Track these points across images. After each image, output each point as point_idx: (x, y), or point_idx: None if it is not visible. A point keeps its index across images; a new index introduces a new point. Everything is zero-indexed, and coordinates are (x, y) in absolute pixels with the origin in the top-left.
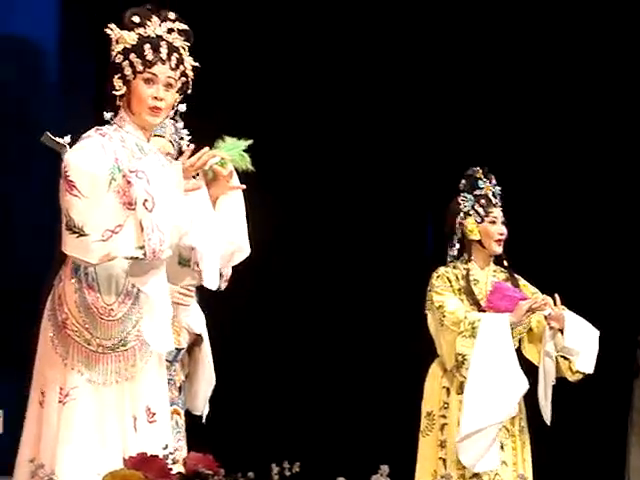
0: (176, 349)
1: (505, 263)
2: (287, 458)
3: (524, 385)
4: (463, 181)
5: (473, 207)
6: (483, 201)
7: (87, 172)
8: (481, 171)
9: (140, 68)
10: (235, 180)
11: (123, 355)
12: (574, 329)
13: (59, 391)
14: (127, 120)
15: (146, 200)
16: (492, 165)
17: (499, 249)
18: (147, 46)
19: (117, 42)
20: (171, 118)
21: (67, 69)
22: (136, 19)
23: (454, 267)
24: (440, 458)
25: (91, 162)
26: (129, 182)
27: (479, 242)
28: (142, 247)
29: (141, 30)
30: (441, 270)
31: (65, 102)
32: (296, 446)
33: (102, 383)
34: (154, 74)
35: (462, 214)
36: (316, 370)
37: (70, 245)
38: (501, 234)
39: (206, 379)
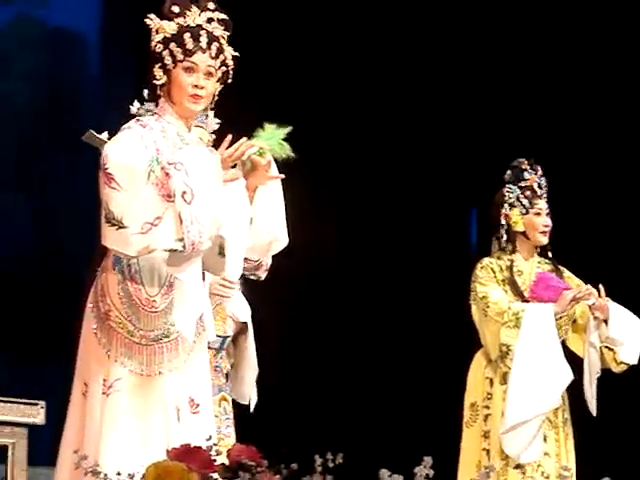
0: (222, 337)
1: (549, 254)
2: (330, 449)
3: (569, 376)
4: (509, 172)
5: (518, 199)
6: (528, 193)
7: (125, 164)
8: (527, 162)
9: (180, 57)
10: (274, 170)
11: (166, 346)
12: (618, 319)
13: (102, 382)
14: (168, 110)
15: (185, 192)
16: (537, 157)
17: (544, 240)
18: (187, 35)
19: (157, 32)
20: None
21: (108, 61)
22: (176, 9)
23: (498, 258)
24: (484, 449)
25: (129, 154)
26: (168, 174)
27: (523, 233)
28: (181, 239)
29: (181, 20)
30: (485, 261)
31: (106, 94)
32: (339, 437)
33: (145, 374)
34: (194, 63)
35: (507, 206)
36: (359, 361)
37: (110, 238)
38: (546, 226)
39: (251, 367)
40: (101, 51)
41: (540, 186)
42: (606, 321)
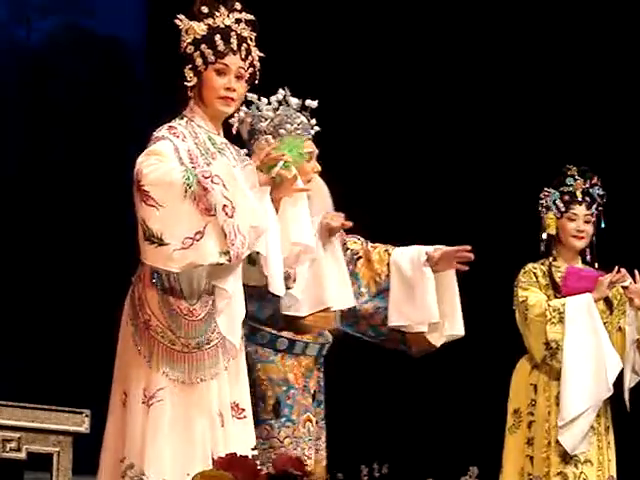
0: (320, 344)
1: (596, 265)
2: (376, 459)
3: (618, 363)
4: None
5: (554, 202)
6: (567, 197)
7: (161, 180)
8: (575, 169)
9: (212, 59)
10: (299, 182)
11: (207, 353)
12: None
13: (143, 392)
14: (198, 112)
15: (225, 206)
16: (596, 166)
17: (578, 244)
18: (217, 37)
19: (187, 33)
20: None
21: (153, 69)
22: (205, 9)
23: (542, 263)
24: (527, 456)
25: (164, 169)
26: (205, 189)
27: (559, 237)
28: (227, 252)
29: (210, 21)
30: (529, 266)
31: (151, 101)
32: (385, 447)
33: (188, 382)
34: (226, 64)
35: (543, 209)
36: (403, 371)
37: (150, 255)
38: (579, 231)
39: None
40: (146, 59)
41: (587, 193)
42: None
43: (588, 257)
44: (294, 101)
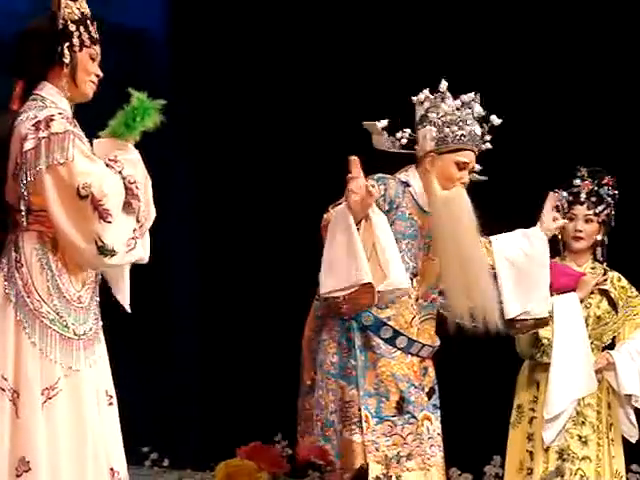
0: (427, 345)
1: (604, 264)
2: None
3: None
4: None
5: (562, 204)
6: (571, 198)
7: (117, 194)
8: (585, 170)
9: (88, 42)
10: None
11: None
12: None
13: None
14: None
15: (144, 210)
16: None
17: (576, 245)
18: (89, 22)
19: (65, 9)
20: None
21: (174, 60)
22: None
23: None
24: (527, 450)
25: (115, 180)
26: (134, 193)
27: (563, 238)
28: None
29: (78, 4)
30: None
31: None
32: None
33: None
34: (97, 52)
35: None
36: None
37: (100, 264)
38: (577, 231)
39: None
40: (167, 50)
41: (594, 194)
42: None
43: (599, 256)
44: (477, 109)
